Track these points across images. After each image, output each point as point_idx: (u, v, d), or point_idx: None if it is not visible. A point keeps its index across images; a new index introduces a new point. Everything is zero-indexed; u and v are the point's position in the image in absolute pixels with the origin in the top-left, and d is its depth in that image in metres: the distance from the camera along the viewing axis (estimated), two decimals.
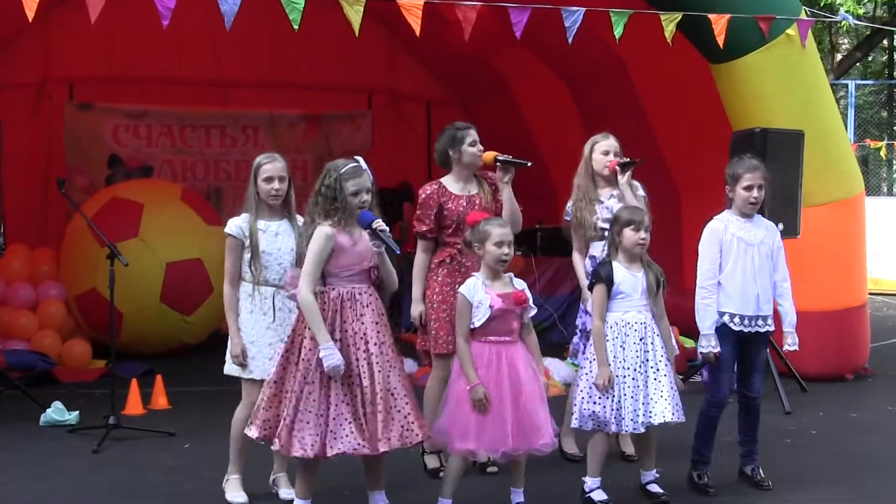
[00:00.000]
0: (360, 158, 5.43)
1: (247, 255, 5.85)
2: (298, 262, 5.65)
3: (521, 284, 5.63)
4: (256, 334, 5.84)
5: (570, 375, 8.28)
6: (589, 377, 5.77)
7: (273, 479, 6.11)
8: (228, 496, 5.96)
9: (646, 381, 5.74)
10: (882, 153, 31.72)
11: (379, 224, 5.29)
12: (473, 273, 5.66)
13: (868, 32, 24.47)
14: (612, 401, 5.69)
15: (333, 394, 5.16)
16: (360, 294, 5.31)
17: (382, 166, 14.36)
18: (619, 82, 11.31)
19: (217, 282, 8.96)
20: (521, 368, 5.49)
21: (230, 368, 5.90)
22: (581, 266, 6.77)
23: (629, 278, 5.83)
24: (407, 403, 5.28)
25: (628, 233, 5.84)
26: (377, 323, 5.31)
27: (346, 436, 5.13)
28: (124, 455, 7.07)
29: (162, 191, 11.88)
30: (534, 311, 5.66)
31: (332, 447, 5.13)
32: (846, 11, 20.09)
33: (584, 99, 12.45)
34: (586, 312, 6.55)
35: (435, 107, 15.15)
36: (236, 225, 5.87)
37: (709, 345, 6.04)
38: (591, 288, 5.94)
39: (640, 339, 5.78)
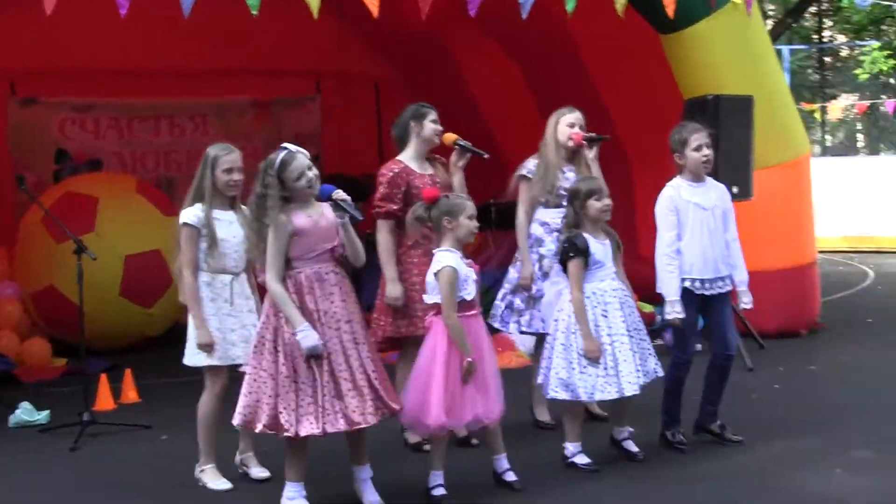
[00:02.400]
0: (286, 144, 5.45)
1: (203, 244, 5.86)
2: (248, 251, 5.75)
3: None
4: (218, 321, 5.86)
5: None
6: (568, 349, 5.84)
7: (240, 460, 6.18)
8: (210, 484, 5.98)
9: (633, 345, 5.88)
10: (816, 115, 32.28)
11: (339, 194, 5.35)
12: (441, 249, 5.56)
13: None
14: (601, 369, 5.79)
15: (316, 374, 5.21)
16: (326, 274, 5.34)
17: (333, 150, 14.38)
18: (571, 60, 11.37)
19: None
20: (487, 340, 5.58)
21: (193, 358, 5.89)
22: (525, 229, 6.87)
23: (599, 247, 5.93)
24: (377, 378, 5.33)
25: (593, 202, 5.93)
26: (345, 301, 5.36)
27: (335, 413, 5.19)
28: (103, 451, 7.07)
29: (117, 184, 11.81)
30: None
31: (322, 425, 5.17)
32: None
33: (535, 76, 12.49)
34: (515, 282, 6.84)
35: (384, 87, 14.96)
36: (194, 214, 5.87)
37: (673, 311, 6.08)
38: (564, 261, 5.96)
39: (622, 305, 5.91)
